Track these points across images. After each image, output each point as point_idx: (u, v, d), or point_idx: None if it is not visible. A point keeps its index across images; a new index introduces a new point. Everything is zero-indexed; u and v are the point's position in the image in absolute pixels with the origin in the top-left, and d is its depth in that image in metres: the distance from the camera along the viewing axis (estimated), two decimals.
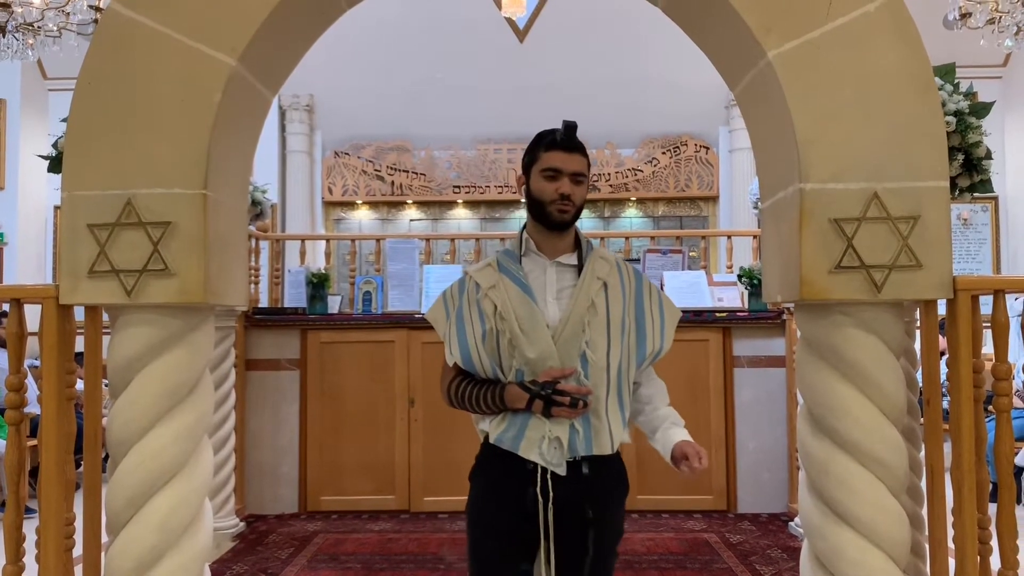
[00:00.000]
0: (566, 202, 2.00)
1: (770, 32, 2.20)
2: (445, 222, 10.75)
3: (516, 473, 1.97)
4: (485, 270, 2.10)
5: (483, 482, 2.08)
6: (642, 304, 2.09)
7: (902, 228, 2.14)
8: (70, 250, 2.22)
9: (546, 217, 2.02)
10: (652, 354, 2.08)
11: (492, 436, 2.02)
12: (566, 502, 1.96)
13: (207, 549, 2.33)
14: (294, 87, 9.81)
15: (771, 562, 4.19)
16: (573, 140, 2.04)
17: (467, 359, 2.05)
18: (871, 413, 2.17)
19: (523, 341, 1.97)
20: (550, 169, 2.01)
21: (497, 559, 2.02)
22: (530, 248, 2.08)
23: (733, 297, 5.47)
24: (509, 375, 2.00)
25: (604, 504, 2.02)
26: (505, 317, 1.99)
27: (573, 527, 1.98)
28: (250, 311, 5.40)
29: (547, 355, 1.96)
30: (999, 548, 2.39)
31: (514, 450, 1.97)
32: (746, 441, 5.29)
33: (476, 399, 2.02)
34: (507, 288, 2.02)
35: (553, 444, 1.95)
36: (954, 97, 3.14)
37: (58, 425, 2.39)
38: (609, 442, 2.00)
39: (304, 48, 2.64)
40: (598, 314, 1.99)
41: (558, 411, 1.92)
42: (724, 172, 10.23)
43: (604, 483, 2.03)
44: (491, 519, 2.03)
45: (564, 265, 2.06)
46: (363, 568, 4.14)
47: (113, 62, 2.26)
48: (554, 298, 2.03)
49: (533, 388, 1.94)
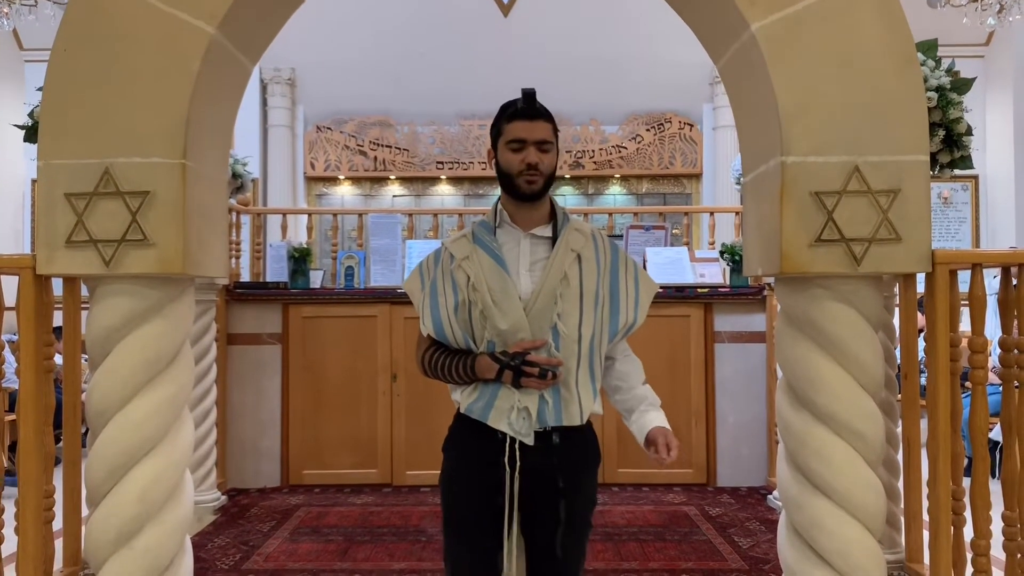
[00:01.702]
0: (533, 172, 1.99)
1: (754, 4, 2.20)
2: (428, 198, 10.69)
3: (487, 444, 1.99)
4: (460, 241, 2.09)
5: (455, 454, 2.09)
6: (617, 277, 2.08)
7: (882, 202, 2.16)
8: (47, 220, 2.20)
9: (515, 189, 2.01)
10: (625, 327, 2.07)
11: (463, 406, 2.03)
12: (537, 472, 1.98)
13: (188, 521, 2.33)
14: (276, 60, 9.69)
15: (749, 534, 4.24)
16: (534, 107, 2.02)
17: (439, 330, 2.05)
18: (849, 385, 2.19)
19: (495, 312, 1.97)
20: (515, 140, 2.00)
21: (471, 529, 2.03)
22: (504, 220, 2.07)
23: (715, 273, 5.50)
24: (481, 346, 2.01)
25: (575, 473, 2.03)
26: (477, 288, 1.99)
27: (545, 497, 1.99)
28: (231, 285, 5.37)
29: (518, 326, 1.96)
30: (972, 519, 2.43)
31: (483, 420, 1.98)
32: (726, 416, 5.33)
33: (448, 369, 2.03)
34: (480, 259, 2.02)
35: (522, 414, 1.96)
36: (936, 73, 3.15)
37: (36, 398, 2.38)
38: (579, 413, 2.00)
39: (284, 17, 2.61)
40: (571, 286, 1.99)
41: (527, 382, 1.93)
42: (708, 150, 10.23)
43: (574, 453, 2.03)
44: (463, 489, 2.05)
45: (538, 237, 2.06)
46: (344, 540, 4.16)
47: (89, 28, 2.22)
48: (527, 270, 2.03)
49: (503, 359, 1.94)
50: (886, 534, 3.04)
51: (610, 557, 3.83)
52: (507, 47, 9.14)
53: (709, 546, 4.05)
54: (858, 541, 2.18)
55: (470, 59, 9.42)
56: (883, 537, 2.35)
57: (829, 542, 2.17)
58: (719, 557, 3.87)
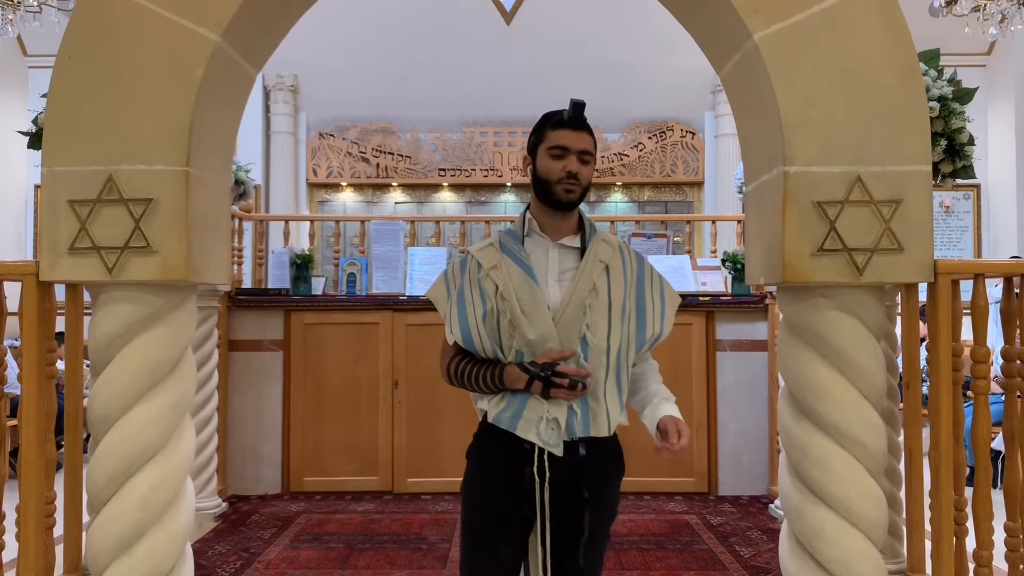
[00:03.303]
0: (573, 180, 1.99)
1: (756, 13, 2.20)
2: (430, 205, 10.70)
3: (513, 452, 1.98)
4: (487, 250, 2.09)
5: (480, 460, 2.09)
6: (643, 289, 2.09)
7: (884, 212, 2.16)
8: (50, 226, 2.20)
9: (552, 196, 2.01)
10: (652, 339, 2.08)
11: (491, 415, 2.02)
12: (563, 483, 1.97)
13: (189, 528, 2.33)
14: (278, 67, 9.72)
15: (751, 543, 4.23)
16: (580, 118, 2.03)
17: (467, 338, 2.05)
18: (851, 395, 2.19)
19: (523, 322, 1.97)
20: (557, 147, 2.00)
21: (490, 536, 2.02)
22: (533, 229, 2.08)
23: (717, 281, 5.50)
24: (509, 355, 2.00)
25: (600, 485, 2.03)
26: (506, 297, 1.98)
27: (570, 507, 1.99)
28: (233, 292, 5.37)
29: (547, 336, 1.96)
30: (975, 529, 2.42)
31: (512, 429, 1.98)
32: (727, 424, 5.32)
33: (475, 378, 2.02)
34: (509, 268, 2.02)
35: (551, 425, 1.96)
36: (938, 83, 3.15)
37: (38, 404, 2.38)
38: (607, 424, 2.00)
39: (288, 25, 2.62)
40: (599, 297, 1.99)
41: (556, 392, 1.93)
42: (709, 157, 10.24)
43: (601, 465, 2.03)
44: (487, 497, 2.04)
45: (567, 247, 2.06)
46: (345, 548, 4.15)
47: (94, 36, 2.23)
48: (556, 280, 2.02)
49: (532, 369, 1.94)
50: (888, 544, 3.03)
51: (612, 566, 3.82)
52: (509, 54, 9.17)
53: (710, 555, 4.03)
54: (860, 551, 2.17)
55: (472, 66, 9.45)
56: (885, 547, 2.34)
57: (831, 552, 2.17)
58: (720, 566, 3.86)
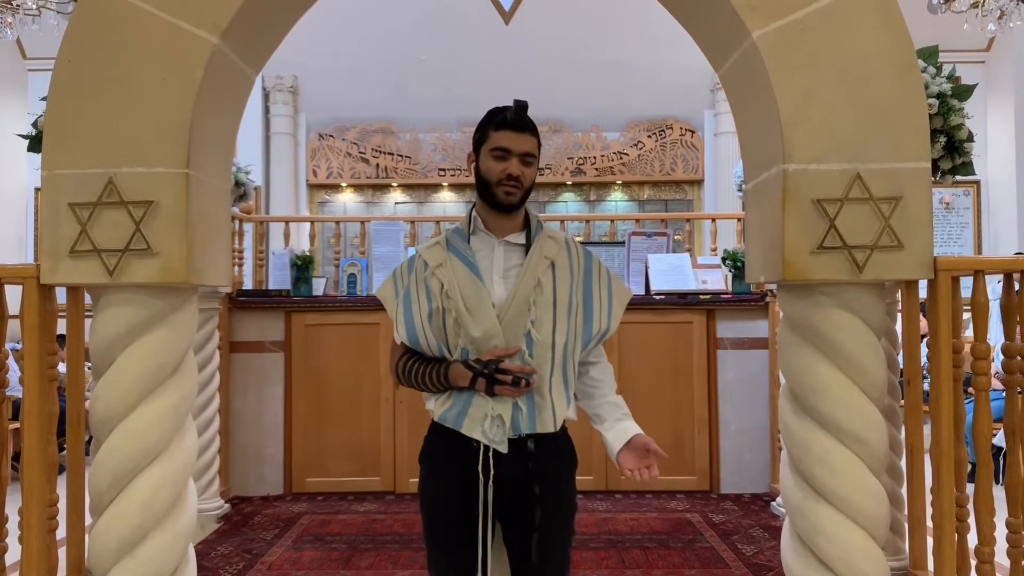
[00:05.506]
0: (514, 183, 1.97)
1: (755, 11, 2.21)
2: (430, 205, 10.70)
3: (461, 452, 1.98)
4: (434, 248, 2.09)
5: (430, 464, 2.09)
6: (590, 284, 2.08)
7: (884, 209, 2.16)
8: (51, 229, 2.21)
9: (492, 198, 2.00)
10: (598, 334, 2.07)
11: (436, 414, 2.02)
12: (512, 479, 1.97)
13: (191, 529, 2.33)
14: (278, 68, 9.72)
15: (753, 541, 4.23)
16: (524, 120, 2.00)
17: (413, 337, 2.05)
18: (852, 393, 2.19)
19: (468, 319, 1.96)
20: (499, 149, 1.98)
21: (449, 539, 2.02)
22: (478, 227, 2.07)
23: (717, 279, 5.50)
24: (455, 353, 2.00)
25: (551, 480, 2.03)
26: (451, 295, 1.98)
27: (520, 504, 1.99)
28: (234, 293, 5.38)
29: (492, 334, 1.96)
30: (976, 526, 2.43)
31: (457, 428, 1.98)
32: (729, 422, 5.32)
33: (422, 377, 2.02)
34: (454, 266, 2.01)
35: (496, 422, 1.96)
36: (937, 79, 3.15)
37: (40, 406, 2.38)
38: (552, 420, 2.00)
39: (287, 27, 2.62)
40: (544, 293, 1.99)
41: (500, 389, 1.92)
42: (709, 156, 10.23)
43: (550, 460, 2.03)
44: (441, 500, 2.04)
45: (512, 244, 2.05)
46: (348, 548, 4.15)
47: (93, 39, 2.23)
48: (501, 277, 2.02)
49: (476, 367, 1.93)
50: (890, 541, 3.03)
51: (614, 564, 3.83)
52: (509, 54, 9.16)
53: (712, 553, 4.04)
54: (861, 548, 2.17)
55: (472, 66, 9.44)
56: (887, 544, 2.35)
57: (832, 549, 2.17)
58: (723, 564, 3.86)
